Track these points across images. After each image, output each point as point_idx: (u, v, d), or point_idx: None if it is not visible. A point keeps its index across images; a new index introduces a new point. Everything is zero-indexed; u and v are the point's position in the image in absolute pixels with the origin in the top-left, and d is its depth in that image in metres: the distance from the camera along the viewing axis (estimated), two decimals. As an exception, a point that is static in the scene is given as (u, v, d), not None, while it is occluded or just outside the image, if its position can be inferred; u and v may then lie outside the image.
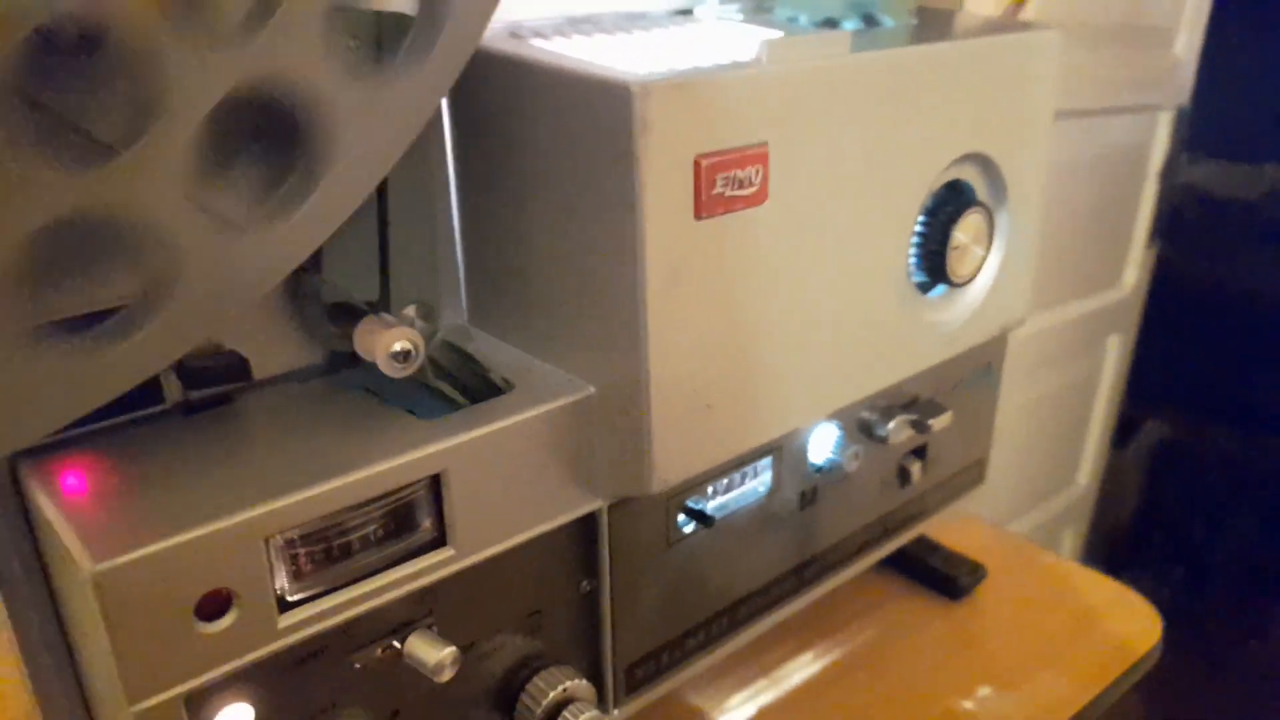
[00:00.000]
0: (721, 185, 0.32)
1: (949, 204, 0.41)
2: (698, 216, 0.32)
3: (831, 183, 0.36)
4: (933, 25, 0.42)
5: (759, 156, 0.33)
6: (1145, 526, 1.90)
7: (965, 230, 0.41)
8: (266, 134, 0.28)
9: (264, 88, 0.24)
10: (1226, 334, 1.79)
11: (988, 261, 0.43)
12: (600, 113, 0.30)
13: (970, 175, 0.42)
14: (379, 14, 0.29)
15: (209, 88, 0.23)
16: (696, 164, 0.31)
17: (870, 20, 0.41)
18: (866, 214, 0.38)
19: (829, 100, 0.34)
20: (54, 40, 0.23)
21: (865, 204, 0.37)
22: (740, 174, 0.32)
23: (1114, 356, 1.62)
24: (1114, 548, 1.86)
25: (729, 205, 0.33)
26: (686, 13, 0.41)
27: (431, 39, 0.27)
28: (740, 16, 0.41)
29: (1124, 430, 1.75)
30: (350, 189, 0.27)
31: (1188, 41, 1.41)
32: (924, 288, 0.42)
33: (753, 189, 0.33)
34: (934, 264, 0.41)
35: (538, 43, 0.34)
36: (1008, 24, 0.43)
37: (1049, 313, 1.26)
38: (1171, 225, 1.58)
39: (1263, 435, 1.76)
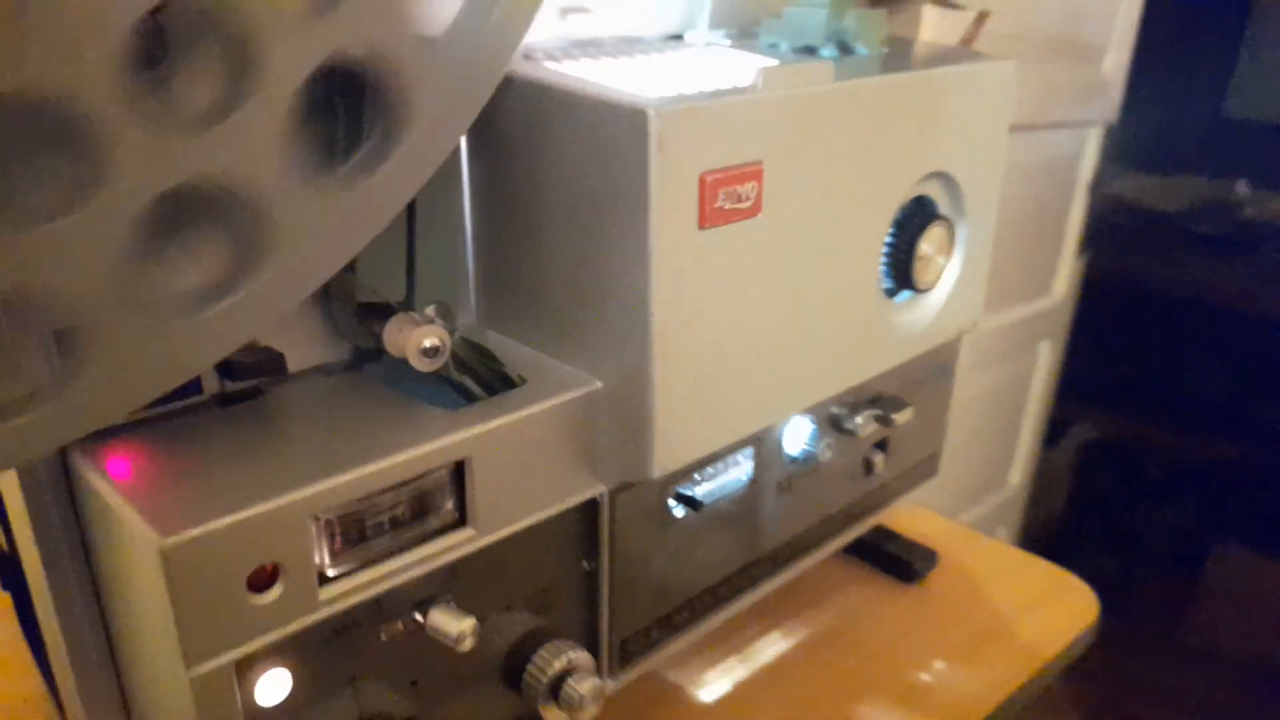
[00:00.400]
0: (722, 199, 0.35)
1: (915, 217, 0.44)
2: (701, 227, 0.35)
3: (815, 197, 0.39)
4: (902, 55, 0.46)
5: (755, 173, 0.36)
6: (1074, 522, 1.99)
7: (929, 241, 0.45)
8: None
9: (210, 183, 0.25)
10: (1150, 338, 1.88)
11: (948, 270, 0.47)
12: (618, 133, 0.33)
13: (934, 191, 0.46)
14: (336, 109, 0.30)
15: (160, 175, 0.24)
16: (701, 180, 0.35)
17: (845, 48, 0.44)
18: (845, 225, 0.41)
19: (816, 124, 0.38)
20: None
21: (844, 216, 0.41)
22: (739, 189, 0.36)
23: (1045, 361, 1.70)
24: (1045, 543, 1.94)
25: (728, 217, 0.36)
26: (678, 37, 0.45)
27: (386, 151, 0.28)
28: (728, 42, 0.44)
29: (1054, 431, 1.82)
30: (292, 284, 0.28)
31: (1116, 60, 1.48)
32: (891, 293, 0.46)
33: (749, 203, 0.36)
34: (901, 271, 0.45)
35: (551, 65, 0.37)
36: (968, 54, 0.47)
37: (984, 318, 1.32)
38: (1099, 235, 1.66)
39: (1184, 433, 1.86)
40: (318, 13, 0.25)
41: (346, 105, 0.29)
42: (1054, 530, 1.96)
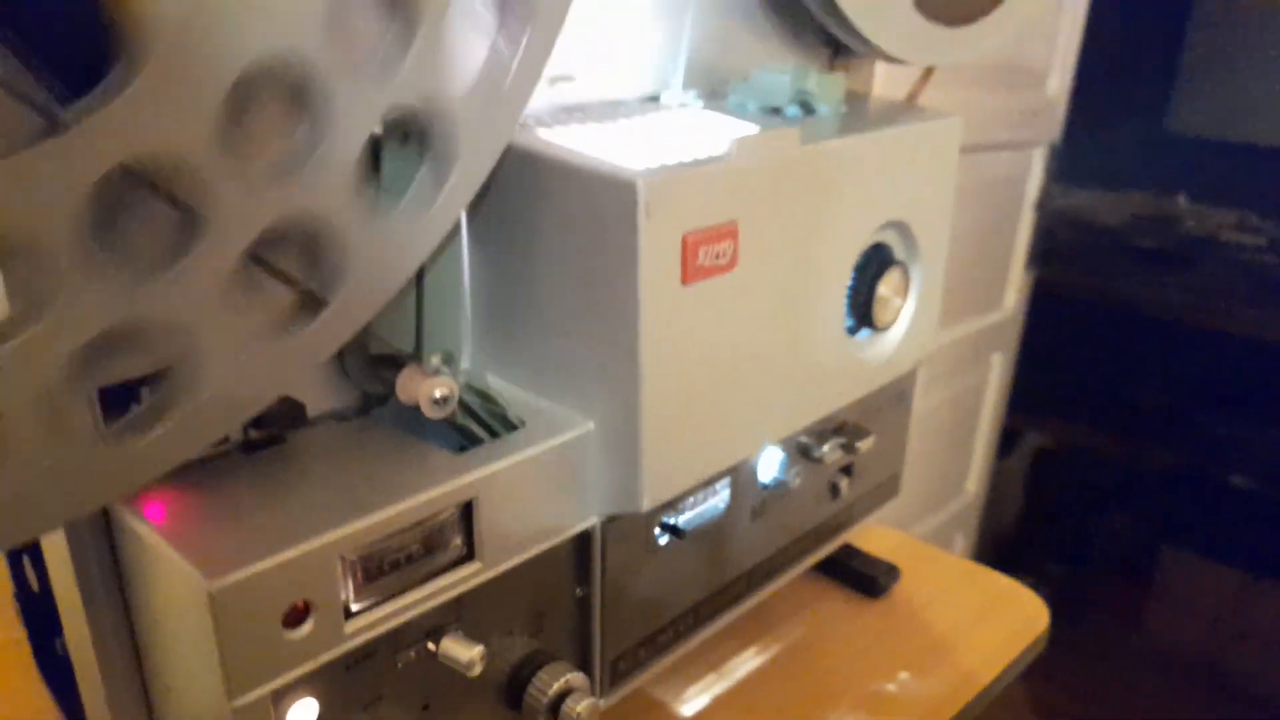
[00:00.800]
0: (703, 257, 0.39)
1: (874, 263, 0.49)
2: (684, 283, 0.39)
3: (785, 250, 0.43)
4: (859, 112, 0.50)
5: (731, 233, 0.40)
6: (1028, 528, 2.05)
7: (887, 285, 0.49)
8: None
9: (296, 223, 0.29)
10: (1096, 349, 1.95)
11: (904, 310, 0.51)
12: (609, 201, 0.37)
13: (890, 238, 0.50)
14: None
15: (251, 221, 0.28)
16: (684, 241, 0.38)
17: (808, 108, 0.48)
18: (811, 273, 0.45)
19: (785, 185, 0.42)
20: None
21: (810, 264, 0.45)
22: (717, 247, 0.40)
23: (997, 373, 1.76)
24: (1000, 550, 2.00)
25: (708, 273, 0.40)
26: (655, 98, 0.48)
27: (440, 181, 0.33)
28: (700, 103, 0.48)
29: (1007, 440, 1.89)
30: (363, 307, 0.33)
31: (1058, 82, 1.55)
32: (853, 331, 0.50)
33: (726, 259, 0.40)
34: (862, 312, 0.49)
35: (542, 132, 0.41)
36: (916, 111, 0.51)
37: (939, 333, 1.37)
38: (1046, 250, 1.72)
39: (1129, 441, 1.92)
40: (385, 75, 0.30)
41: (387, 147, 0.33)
42: (1009, 537, 2.03)
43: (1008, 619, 0.62)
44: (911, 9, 0.52)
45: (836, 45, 0.55)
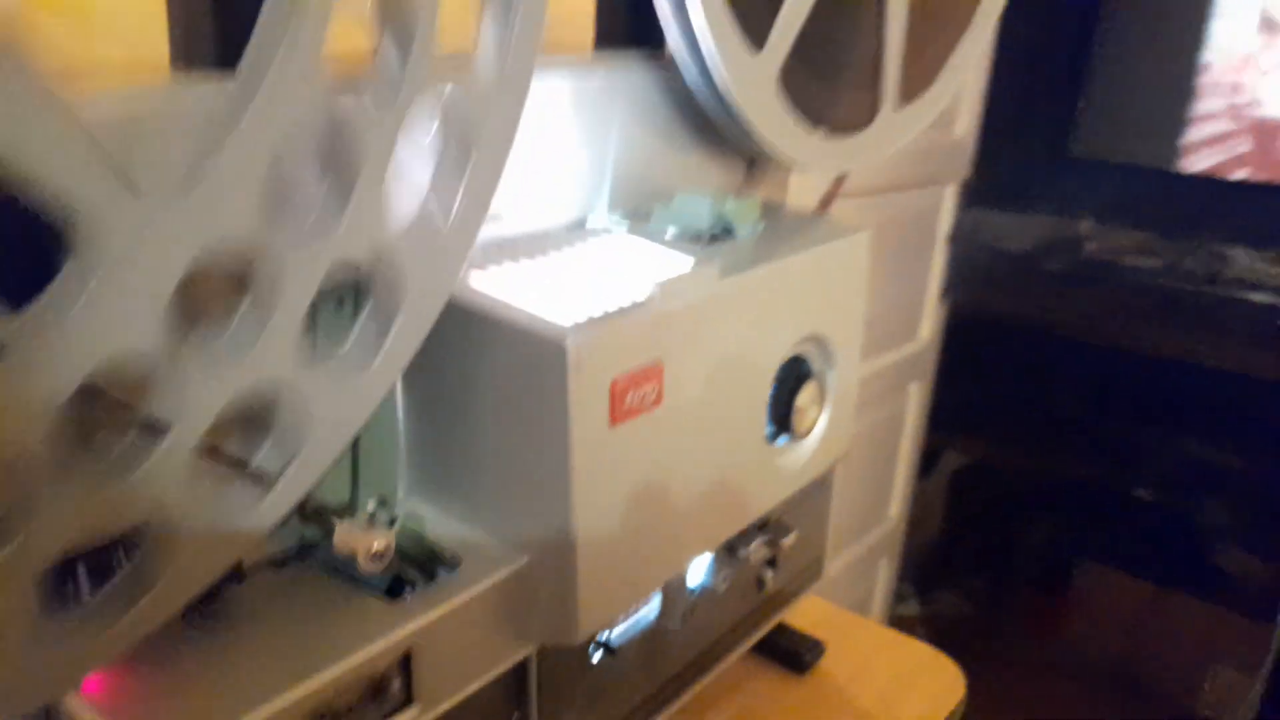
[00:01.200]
0: (630, 400, 0.41)
1: (792, 375, 0.51)
2: (612, 424, 0.40)
3: (708, 378, 0.45)
4: (776, 231, 0.52)
5: (656, 373, 0.42)
6: (950, 545, 2.11)
7: (805, 395, 0.51)
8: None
9: (249, 400, 0.31)
10: (1010, 367, 2.02)
11: (821, 417, 0.54)
12: (539, 357, 0.38)
13: (807, 349, 0.52)
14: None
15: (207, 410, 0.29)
16: (612, 387, 0.40)
17: (727, 230, 0.50)
18: (733, 394, 0.47)
19: (707, 319, 0.44)
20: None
21: (732, 386, 0.47)
22: (643, 388, 0.41)
23: (915, 400, 1.82)
24: (923, 567, 2.06)
25: (635, 413, 0.41)
26: (581, 223, 0.50)
27: (384, 332, 0.34)
28: (625, 226, 0.50)
29: (927, 459, 1.94)
30: (314, 468, 0.34)
31: (965, 124, 1.61)
32: (772, 438, 0.52)
33: (652, 397, 0.42)
34: (782, 423, 0.51)
35: (474, 277, 0.42)
36: (827, 223, 0.54)
37: (859, 366, 1.41)
38: (958, 278, 1.77)
39: (1045, 455, 2.00)
40: (325, 234, 0.31)
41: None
42: (932, 556, 2.09)
43: (928, 688, 0.65)
44: (816, 128, 0.54)
45: (753, 157, 0.57)
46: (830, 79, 0.54)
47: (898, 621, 1.90)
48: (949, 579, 2.10)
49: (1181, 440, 1.90)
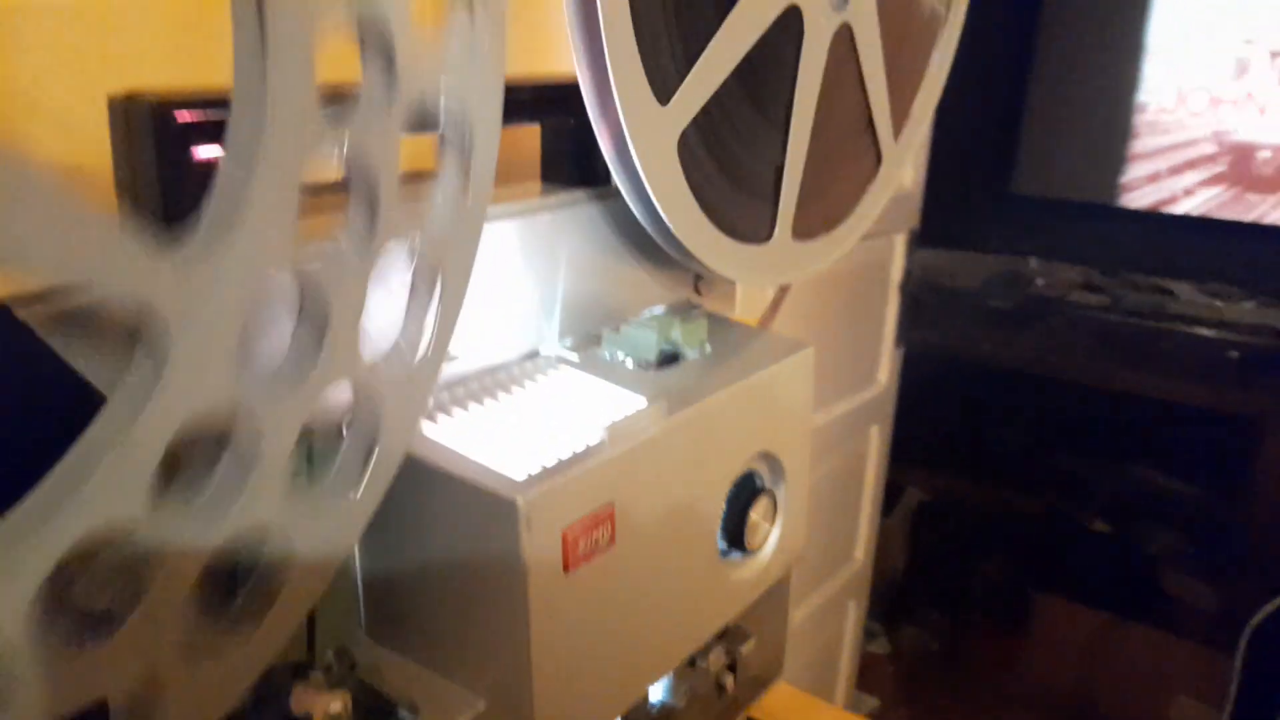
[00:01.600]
0: (583, 547, 0.42)
1: (744, 492, 0.52)
2: (566, 571, 0.42)
3: (661, 510, 0.46)
4: (723, 349, 0.54)
5: (608, 516, 0.43)
6: (912, 580, 2.14)
7: (756, 511, 0.53)
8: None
9: (244, 544, 0.32)
10: (964, 403, 2.06)
11: (773, 531, 0.55)
12: (492, 514, 0.39)
13: (758, 465, 0.54)
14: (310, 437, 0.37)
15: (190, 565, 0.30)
16: (564, 537, 0.41)
17: (677, 354, 0.52)
18: (686, 519, 0.48)
19: (657, 456, 0.45)
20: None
21: (684, 513, 0.48)
22: (595, 533, 0.42)
23: (876, 443, 1.84)
24: (887, 603, 2.08)
25: (589, 558, 0.42)
26: (534, 353, 0.51)
27: (365, 462, 0.36)
28: (575, 357, 0.51)
29: (889, 496, 1.97)
30: (303, 598, 0.35)
31: (914, 177, 1.65)
32: (725, 554, 0.53)
33: (605, 539, 0.43)
34: (734, 539, 0.52)
35: (428, 426, 0.43)
36: (775, 342, 0.55)
37: (817, 415, 1.44)
38: (912, 323, 1.81)
39: (1002, 488, 2.03)
40: (298, 382, 0.32)
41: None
42: (896, 593, 2.11)
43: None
44: (801, 245, 0.56)
45: (698, 273, 0.59)
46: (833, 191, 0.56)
47: (868, 659, 1.92)
48: (913, 615, 2.13)
49: (1134, 471, 1.95)
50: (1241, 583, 1.72)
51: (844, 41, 0.55)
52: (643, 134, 0.46)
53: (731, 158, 0.53)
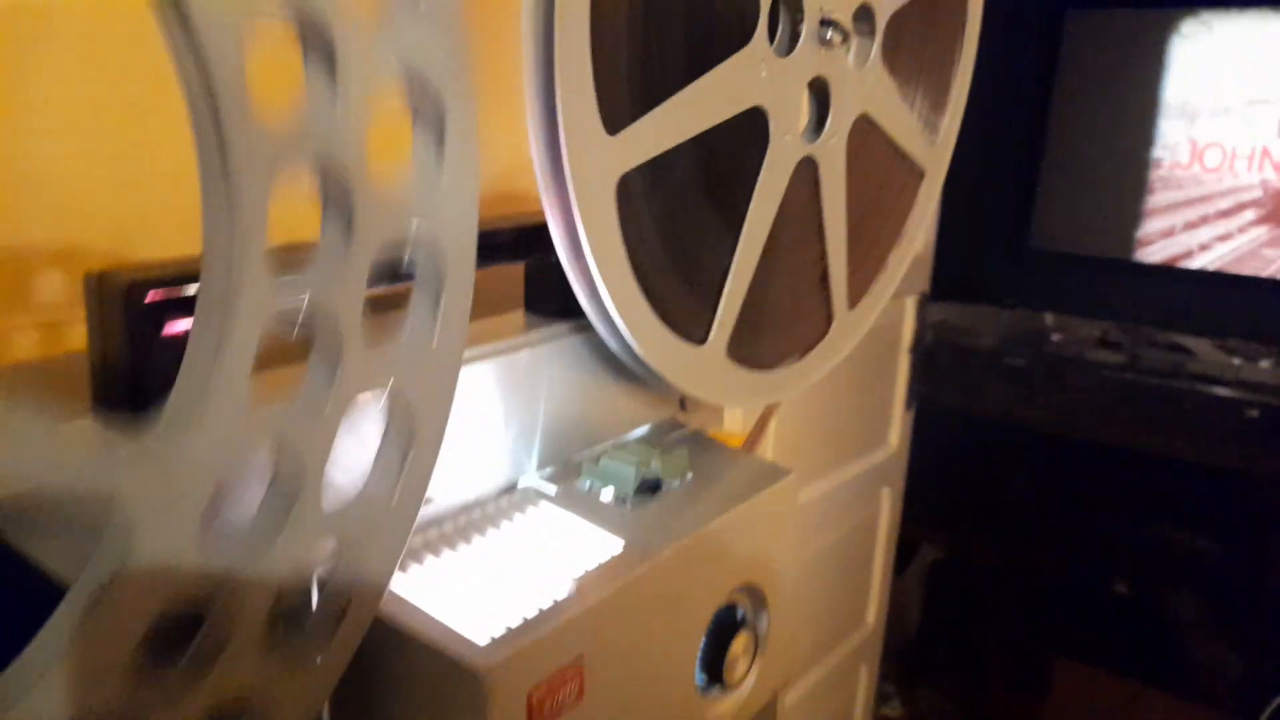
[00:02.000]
0: (548, 707, 0.42)
1: (724, 625, 0.52)
2: (532, 733, 0.41)
3: (635, 657, 0.46)
4: (705, 477, 0.54)
5: (577, 671, 0.43)
6: (927, 642, 2.11)
7: (737, 646, 0.52)
8: None
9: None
10: (980, 461, 2.04)
11: (754, 664, 0.55)
12: (457, 678, 0.39)
13: (739, 598, 0.53)
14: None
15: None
16: (529, 698, 0.41)
17: (658, 484, 0.52)
18: (662, 661, 0.48)
19: (630, 604, 0.45)
20: None
21: (661, 654, 0.48)
22: (563, 690, 0.42)
23: (888, 505, 1.82)
24: (902, 666, 2.05)
25: (556, 714, 0.42)
26: (512, 485, 0.51)
27: (335, 621, 0.36)
28: (553, 490, 0.51)
29: (903, 555, 1.94)
30: None
31: (925, 240, 1.65)
32: (704, 689, 0.53)
33: (573, 694, 0.43)
34: (714, 674, 0.52)
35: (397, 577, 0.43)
36: (759, 469, 0.55)
37: (827, 478, 1.43)
38: (926, 376, 1.80)
39: (1020, 549, 2.01)
40: (262, 552, 0.33)
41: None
42: (910, 652, 2.08)
43: None
44: (737, 369, 0.56)
45: (683, 397, 0.59)
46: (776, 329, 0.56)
47: (882, 723, 1.89)
48: (929, 677, 2.09)
49: (1156, 532, 1.91)
50: (1268, 651, 1.68)
51: (808, 178, 0.55)
52: (582, 157, 0.43)
53: (675, 236, 0.50)
